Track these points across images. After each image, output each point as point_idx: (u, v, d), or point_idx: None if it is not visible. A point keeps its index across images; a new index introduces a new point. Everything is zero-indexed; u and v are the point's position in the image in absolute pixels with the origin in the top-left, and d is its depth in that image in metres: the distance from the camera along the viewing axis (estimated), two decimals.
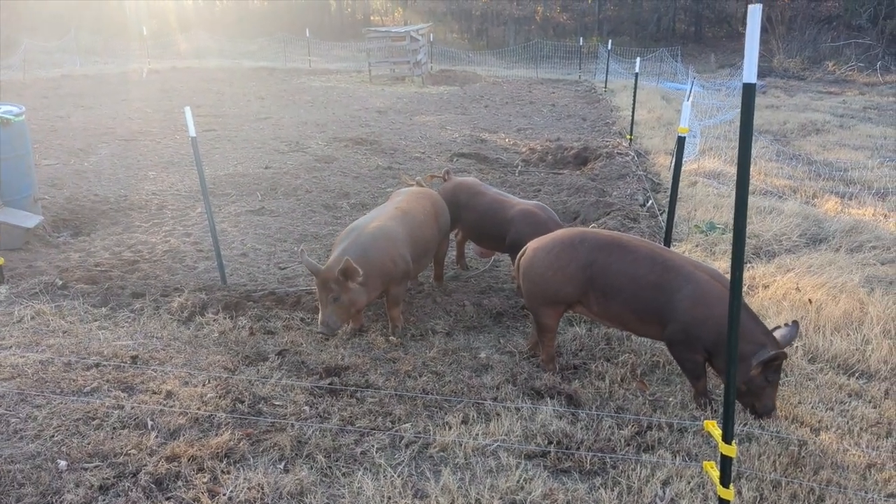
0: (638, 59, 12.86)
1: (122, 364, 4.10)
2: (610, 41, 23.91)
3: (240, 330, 4.64)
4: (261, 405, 3.70)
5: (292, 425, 3.50)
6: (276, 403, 3.72)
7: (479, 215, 5.47)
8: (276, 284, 5.57)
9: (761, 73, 24.08)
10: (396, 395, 3.82)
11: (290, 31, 33.77)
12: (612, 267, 3.85)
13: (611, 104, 17.50)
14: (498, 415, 3.68)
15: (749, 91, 2.45)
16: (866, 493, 3.13)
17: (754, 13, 2.35)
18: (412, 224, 4.75)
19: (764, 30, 30.08)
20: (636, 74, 12.31)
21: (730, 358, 2.66)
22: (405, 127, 13.58)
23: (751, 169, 7.73)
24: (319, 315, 4.27)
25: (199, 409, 3.62)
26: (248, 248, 6.55)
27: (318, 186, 8.71)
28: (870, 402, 3.92)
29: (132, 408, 3.63)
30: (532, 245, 4.18)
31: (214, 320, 4.76)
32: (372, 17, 43.52)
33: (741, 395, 3.70)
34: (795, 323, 3.82)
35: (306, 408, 3.67)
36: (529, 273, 4.09)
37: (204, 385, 3.87)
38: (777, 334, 3.69)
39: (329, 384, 3.89)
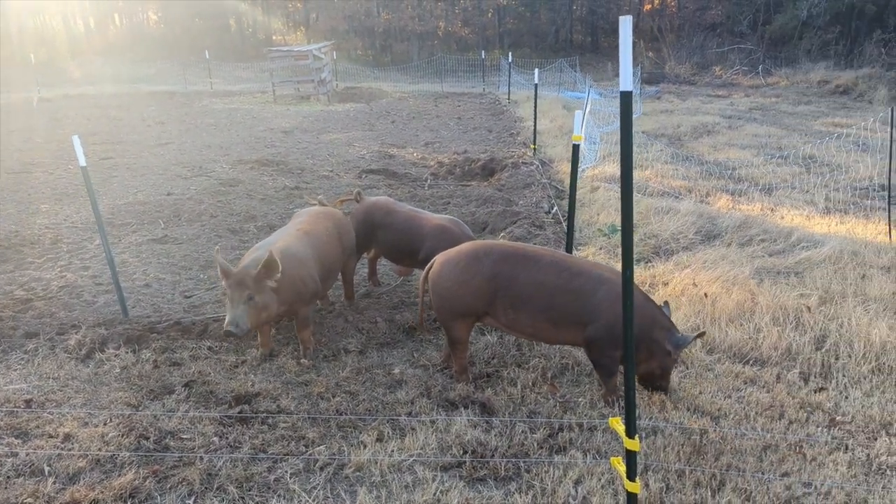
0: (537, 71, 13.21)
1: (15, 409, 3.88)
2: (510, 54, 24.46)
3: (143, 363, 4.47)
4: (167, 440, 3.57)
5: (201, 458, 3.40)
6: (184, 437, 3.60)
7: (394, 233, 5.48)
8: (181, 314, 5.41)
9: (656, 80, 25.19)
10: (309, 418, 3.77)
11: (190, 53, 32.96)
12: (518, 278, 3.92)
13: (514, 115, 17.89)
14: (413, 429, 3.69)
15: (626, 99, 2.57)
16: (763, 474, 3.31)
17: (625, 24, 2.47)
18: (316, 244, 4.72)
19: (655, 38, 31.51)
20: (536, 86, 12.63)
21: (627, 356, 2.76)
22: (312, 146, 13.46)
23: (648, 171, 8.04)
24: (227, 315, 4.11)
25: (100, 449, 3.47)
26: (150, 278, 6.33)
27: (223, 211, 8.52)
28: (763, 387, 4.15)
29: (27, 454, 3.44)
30: (439, 259, 4.21)
31: (116, 355, 4.57)
32: (274, 37, 42.97)
33: (654, 378, 3.93)
34: (666, 303, 4.13)
35: (216, 439, 3.57)
36: (437, 287, 4.12)
37: (105, 424, 3.71)
38: None
39: (239, 412, 3.80)
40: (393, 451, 3.47)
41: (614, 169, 10.45)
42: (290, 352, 4.66)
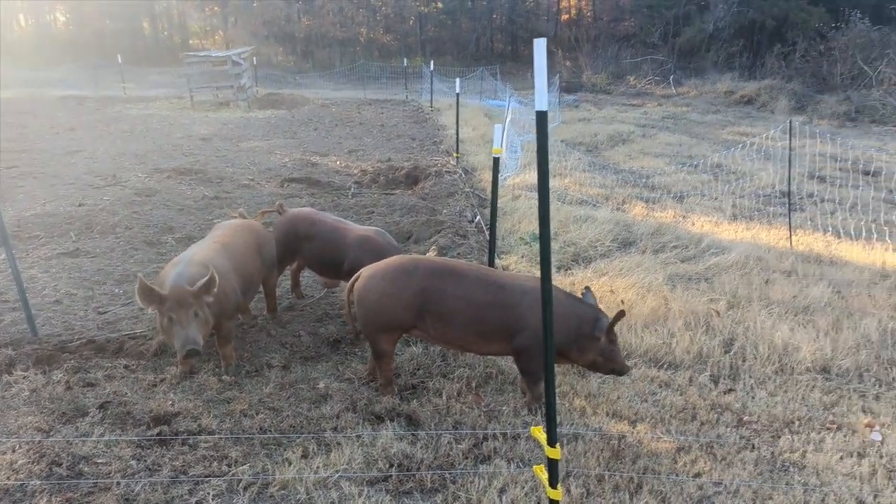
0: (458, 80, 13.35)
1: None
2: (432, 61, 24.62)
3: (54, 385, 4.29)
4: (81, 465, 3.44)
5: (118, 483, 3.29)
6: (99, 461, 3.48)
7: (318, 245, 5.45)
8: (95, 331, 5.20)
9: (574, 88, 25.85)
10: (232, 436, 3.70)
11: (101, 56, 31.71)
12: (446, 292, 3.96)
13: (437, 123, 18.02)
14: (339, 444, 3.68)
15: (542, 118, 2.65)
16: (677, 475, 3.46)
17: (539, 46, 2.55)
18: (235, 256, 4.65)
19: (573, 48, 32.33)
20: (457, 95, 12.77)
21: (547, 366, 2.85)
22: (232, 154, 13.18)
23: (567, 180, 8.24)
24: (180, 338, 3.97)
25: (8, 478, 3.31)
26: (61, 293, 6.06)
27: (138, 222, 8.24)
28: (677, 390, 4.33)
29: None
30: (366, 272, 4.20)
31: (24, 377, 4.37)
32: (191, 41, 41.86)
33: (599, 367, 4.03)
34: (588, 288, 4.23)
35: (133, 462, 3.47)
36: (364, 300, 4.11)
37: (13, 451, 3.54)
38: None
39: (158, 434, 3.70)
40: (318, 467, 3.45)
41: (535, 178, 10.65)
42: (212, 368, 4.56)
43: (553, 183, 10.31)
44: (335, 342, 5.02)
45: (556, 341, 3.86)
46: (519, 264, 6.65)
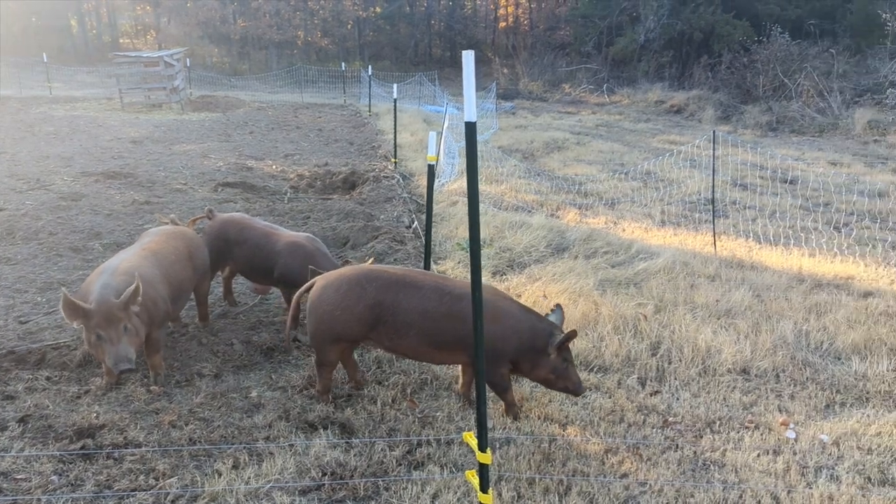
0: (395, 86, 13.39)
1: None
2: (370, 66, 24.58)
3: None
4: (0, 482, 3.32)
5: (39, 500, 3.19)
6: (19, 478, 3.36)
7: (248, 250, 5.39)
8: (15, 341, 5.01)
9: (511, 95, 26.18)
10: (160, 448, 3.63)
11: (26, 54, 30.46)
12: (401, 304, 3.93)
13: (376, 128, 17.99)
14: (271, 454, 3.65)
15: (471, 129, 2.71)
16: (605, 476, 3.56)
17: (468, 58, 2.61)
18: (164, 264, 4.56)
19: (509, 55, 32.76)
20: (395, 100, 12.80)
21: (478, 372, 2.90)
22: (164, 157, 12.87)
23: (504, 186, 8.35)
24: (112, 355, 3.86)
25: None
26: None
27: (64, 227, 7.96)
28: (606, 392, 4.46)
29: None
30: (320, 282, 4.16)
31: None
32: (121, 41, 40.62)
33: (551, 383, 4.05)
34: (559, 306, 4.26)
35: (55, 477, 3.36)
36: (317, 311, 4.07)
37: None
38: (552, 319, 4.12)
39: (81, 448, 3.59)
40: (249, 478, 3.42)
41: None
42: (139, 379, 4.46)
43: (489, 189, 10.44)
44: (269, 350, 4.97)
45: (508, 352, 3.96)
46: (455, 270, 6.71)
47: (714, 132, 7.64)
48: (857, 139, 16.13)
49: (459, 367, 4.40)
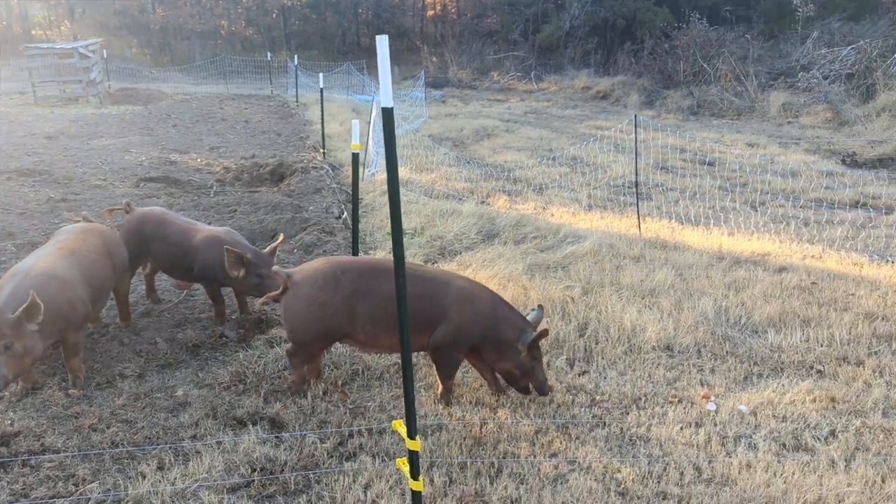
0: (321, 75, 13.20)
1: None
2: (296, 56, 24.15)
3: None
4: None
5: None
6: None
7: (167, 246, 5.24)
8: None
9: (441, 84, 26.17)
10: (80, 454, 3.50)
11: None
12: (376, 293, 3.93)
13: (304, 118, 17.73)
14: (198, 453, 3.57)
15: (387, 115, 2.69)
16: (535, 457, 3.62)
17: (382, 43, 2.59)
18: (82, 263, 4.38)
19: (438, 44, 32.72)
20: (321, 90, 12.64)
21: (404, 361, 2.89)
22: (81, 153, 12.35)
23: (434, 174, 8.32)
24: None
25: None
26: None
27: None
28: None
29: None
30: (295, 279, 4.09)
31: None
32: (33, 32, 38.62)
33: (516, 380, 4.08)
34: (540, 307, 4.28)
35: None
36: (294, 308, 4.02)
37: None
38: (529, 318, 4.14)
39: None
40: (175, 478, 3.33)
41: (403, 172, 10.75)
42: (57, 382, 4.28)
43: (420, 178, 10.44)
44: (195, 347, 4.85)
45: (471, 338, 3.99)
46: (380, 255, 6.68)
47: (636, 116, 7.82)
48: (773, 121, 16.78)
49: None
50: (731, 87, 19.11)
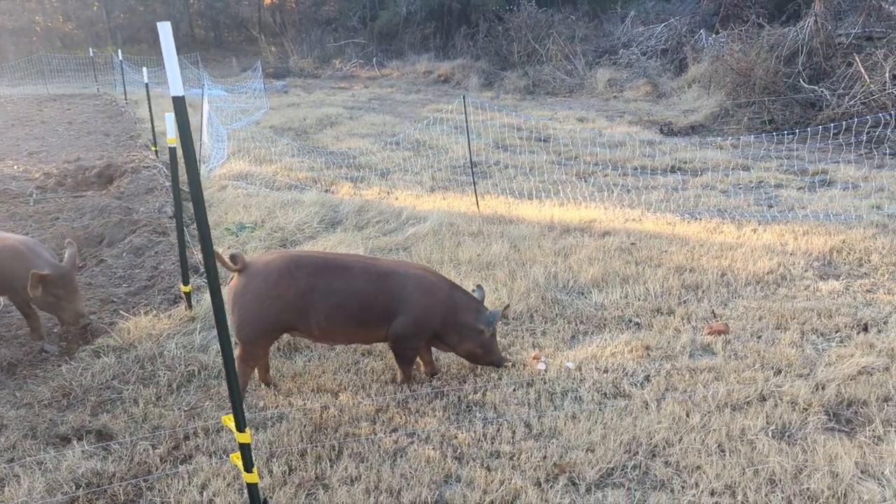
0: (145, 70, 12.54)
1: None
2: (120, 51, 22.73)
3: None
4: None
5: None
6: None
7: None
8: None
9: (282, 74, 25.57)
10: None
11: None
12: (332, 287, 3.89)
13: (134, 116, 16.78)
14: (16, 476, 3.34)
15: (179, 104, 2.63)
16: (375, 434, 3.69)
17: (164, 29, 2.51)
18: None
19: (277, 33, 31.92)
20: (146, 84, 12.04)
21: (224, 353, 2.85)
22: None
23: (275, 166, 8.15)
24: None
25: None
26: None
27: None
28: (377, 356, 4.57)
29: None
30: (245, 273, 3.93)
31: None
32: None
33: (478, 357, 4.19)
34: (480, 286, 4.38)
35: None
36: (242, 302, 3.87)
37: None
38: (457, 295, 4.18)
39: None
40: None
41: (242, 166, 10.45)
42: None
43: (260, 170, 10.19)
44: (10, 366, 4.52)
45: (432, 325, 4.04)
46: (226, 255, 6.48)
47: (464, 97, 8.04)
48: (601, 97, 17.79)
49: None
50: (562, 66, 20.04)
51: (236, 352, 4.01)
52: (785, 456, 3.34)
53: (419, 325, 4.04)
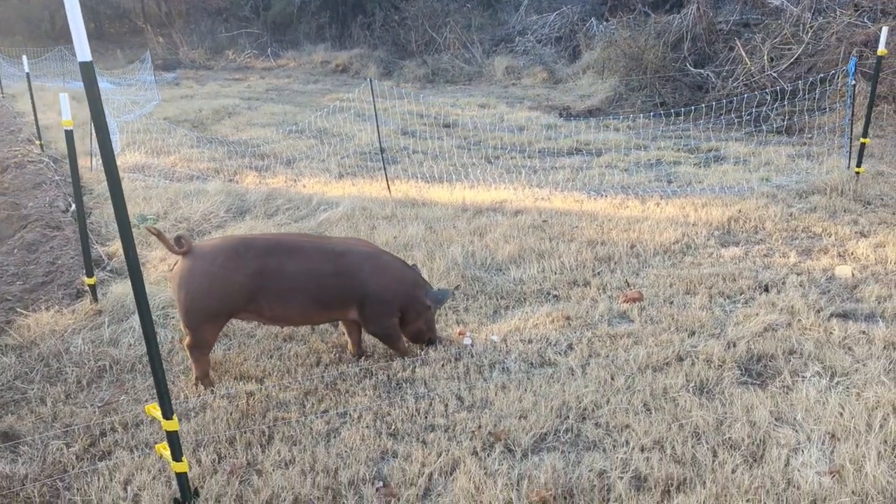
0: (25, 58, 11.71)
1: None
2: None
3: None
4: None
5: None
6: None
7: None
8: None
9: (172, 66, 24.51)
10: None
11: None
12: (285, 269, 3.73)
13: (13, 111, 15.68)
14: None
15: (87, 70, 2.50)
16: (306, 416, 3.61)
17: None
18: None
19: (164, 24, 30.56)
20: (27, 75, 11.27)
21: (148, 339, 2.72)
22: None
23: (174, 157, 7.83)
24: None
25: None
26: None
27: None
28: (300, 340, 4.49)
29: None
30: (189, 256, 3.69)
31: None
32: None
33: (422, 335, 4.21)
34: (415, 265, 4.37)
35: None
36: (189, 286, 3.65)
37: None
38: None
39: None
40: None
41: (138, 157, 9.98)
42: None
43: (158, 162, 9.75)
44: None
45: (396, 302, 4.01)
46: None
47: (371, 80, 7.98)
48: (499, 84, 18.05)
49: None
50: (460, 54, 20.18)
51: (186, 340, 3.87)
52: (706, 410, 3.51)
53: (384, 303, 4.00)
